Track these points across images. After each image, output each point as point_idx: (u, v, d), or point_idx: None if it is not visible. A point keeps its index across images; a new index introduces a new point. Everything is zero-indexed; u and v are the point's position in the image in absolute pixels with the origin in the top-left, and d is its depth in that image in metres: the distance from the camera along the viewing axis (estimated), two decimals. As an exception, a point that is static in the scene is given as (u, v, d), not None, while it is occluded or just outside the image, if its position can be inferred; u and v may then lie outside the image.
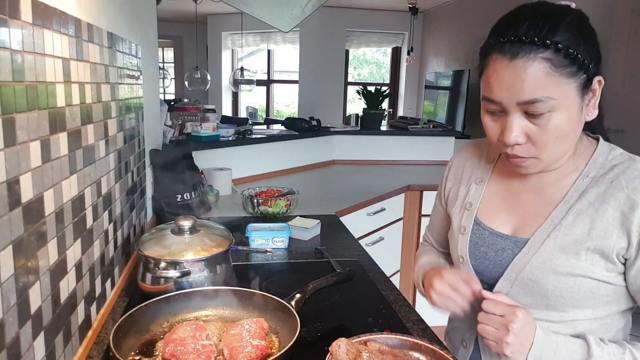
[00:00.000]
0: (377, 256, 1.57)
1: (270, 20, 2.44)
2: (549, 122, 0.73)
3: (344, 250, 1.57)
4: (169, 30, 7.13)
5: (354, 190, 2.51)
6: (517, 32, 0.71)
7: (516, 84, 0.72)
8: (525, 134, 0.75)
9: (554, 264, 0.79)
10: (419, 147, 3.39)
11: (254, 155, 2.72)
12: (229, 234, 1.21)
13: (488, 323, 0.79)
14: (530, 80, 0.71)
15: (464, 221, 0.94)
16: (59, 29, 0.77)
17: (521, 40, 0.71)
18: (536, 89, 0.71)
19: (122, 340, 0.83)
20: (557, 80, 0.71)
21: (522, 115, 0.74)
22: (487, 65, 0.76)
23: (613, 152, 0.82)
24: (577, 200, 0.81)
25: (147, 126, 1.62)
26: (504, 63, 0.72)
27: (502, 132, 0.77)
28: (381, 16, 5.94)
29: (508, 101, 0.74)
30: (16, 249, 0.62)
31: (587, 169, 0.82)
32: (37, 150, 0.68)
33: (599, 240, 0.77)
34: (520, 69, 0.71)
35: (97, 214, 0.99)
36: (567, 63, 0.71)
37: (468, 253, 0.92)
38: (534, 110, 0.72)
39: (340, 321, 1.09)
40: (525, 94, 0.71)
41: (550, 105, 0.72)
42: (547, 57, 0.70)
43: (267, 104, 7.22)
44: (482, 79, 0.78)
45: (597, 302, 0.80)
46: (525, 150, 0.77)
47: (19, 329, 0.63)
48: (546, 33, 0.70)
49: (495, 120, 0.79)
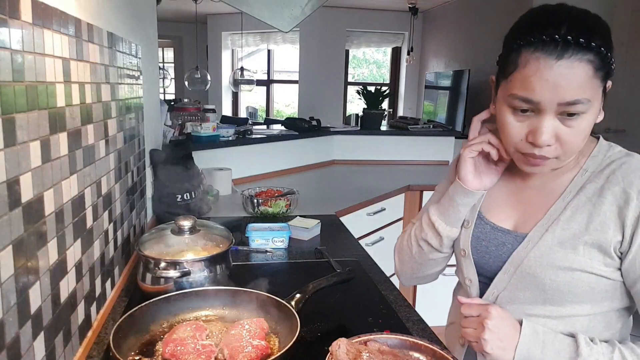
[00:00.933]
0: (377, 256, 1.57)
1: (270, 20, 2.44)
2: (581, 124, 0.74)
3: (344, 250, 1.57)
4: (169, 30, 7.12)
5: (354, 190, 2.51)
6: (561, 32, 0.71)
7: (562, 84, 0.71)
8: (556, 134, 0.75)
9: (552, 258, 0.80)
10: (419, 147, 3.39)
11: (254, 155, 2.71)
12: (229, 234, 1.21)
13: (467, 325, 0.85)
14: (576, 81, 0.71)
15: (468, 215, 0.95)
16: (59, 29, 0.77)
17: (567, 41, 0.70)
18: (579, 90, 0.71)
19: (122, 340, 0.83)
20: (595, 82, 0.72)
21: (555, 117, 0.74)
22: (524, 63, 0.74)
23: (612, 150, 0.84)
24: (575, 195, 0.82)
25: (147, 126, 1.62)
26: (549, 63, 0.71)
27: (531, 132, 0.76)
28: (381, 16, 5.93)
29: (549, 101, 0.72)
30: (16, 249, 0.62)
31: (587, 164, 0.83)
32: (37, 150, 0.68)
33: (597, 235, 0.78)
34: (567, 69, 0.70)
35: (97, 214, 0.99)
36: (603, 66, 0.72)
37: (470, 247, 0.93)
38: (572, 111, 0.72)
39: (340, 321, 1.09)
40: (569, 94, 0.71)
41: (586, 107, 0.72)
42: (591, 59, 0.70)
43: (267, 104, 7.22)
44: (515, 78, 0.75)
45: (596, 298, 0.81)
46: (552, 151, 0.76)
47: (19, 329, 0.63)
48: (590, 35, 0.70)
49: (522, 120, 0.77)
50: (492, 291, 0.89)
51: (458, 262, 0.98)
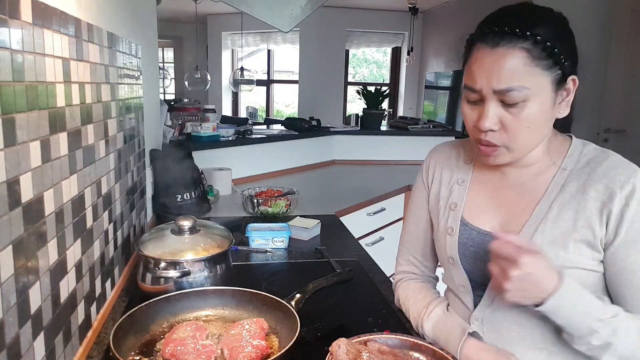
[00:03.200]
0: (377, 256, 1.57)
1: (270, 20, 2.44)
2: (522, 111, 0.76)
3: (344, 250, 1.57)
4: (169, 30, 7.12)
5: (354, 190, 2.51)
6: (501, 24, 0.76)
7: (494, 70, 0.75)
8: (500, 121, 0.79)
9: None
10: (419, 147, 3.38)
11: (254, 155, 2.71)
12: (229, 234, 1.21)
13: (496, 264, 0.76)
14: (508, 68, 0.75)
15: (451, 222, 0.95)
16: (59, 29, 0.77)
17: (504, 31, 0.75)
18: (513, 77, 0.75)
19: (122, 340, 0.83)
20: (533, 70, 0.75)
21: (498, 104, 0.78)
22: (470, 54, 0.80)
23: (587, 147, 0.86)
24: (558, 193, 0.83)
25: (147, 126, 1.62)
26: (486, 51, 0.77)
27: (478, 118, 0.80)
28: (381, 16, 5.94)
29: (486, 88, 0.77)
30: (16, 249, 0.62)
31: (564, 163, 0.85)
32: (37, 150, 0.68)
33: (585, 231, 0.79)
34: (500, 56, 0.75)
35: (97, 214, 0.99)
36: (544, 56, 0.75)
37: (458, 254, 0.92)
38: (509, 99, 0.76)
39: (340, 321, 1.09)
40: (503, 81, 0.75)
41: (525, 95, 0.75)
42: (526, 47, 0.74)
43: (267, 104, 7.22)
44: (465, 69, 0.82)
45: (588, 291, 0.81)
46: (497, 138, 0.80)
47: (19, 329, 0.63)
48: (528, 26, 0.74)
49: (473, 108, 0.82)
50: (488, 294, 0.88)
51: (446, 270, 0.98)
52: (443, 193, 0.99)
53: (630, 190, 0.77)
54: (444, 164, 1.01)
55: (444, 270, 0.99)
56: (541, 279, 0.74)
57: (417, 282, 1.06)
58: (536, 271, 0.73)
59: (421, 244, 1.06)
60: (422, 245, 1.06)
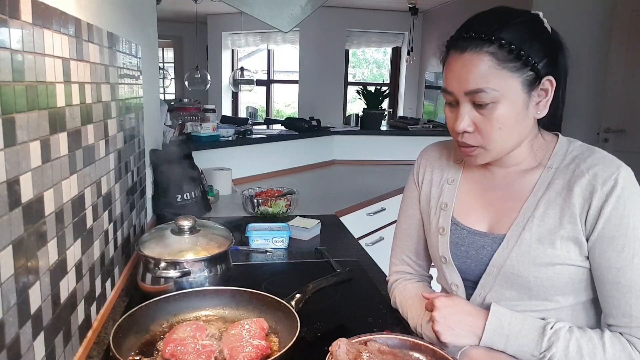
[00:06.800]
0: (377, 256, 1.57)
1: (270, 20, 2.44)
2: (493, 113, 0.79)
3: (344, 250, 1.57)
4: (169, 30, 7.12)
5: (354, 190, 2.51)
6: (468, 30, 0.79)
7: (463, 74, 0.79)
8: (474, 123, 0.82)
9: (532, 255, 0.82)
10: (419, 147, 3.34)
11: (254, 155, 2.71)
12: (229, 234, 1.21)
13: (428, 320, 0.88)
14: (475, 71, 0.78)
15: (442, 222, 0.96)
16: (59, 29, 0.77)
17: (471, 37, 0.79)
18: (480, 79, 0.78)
19: (122, 340, 0.83)
20: (500, 73, 0.77)
21: (471, 106, 0.81)
22: (446, 59, 0.84)
23: (572, 145, 0.87)
24: (544, 192, 0.84)
25: (147, 126, 1.62)
26: (455, 56, 0.81)
27: (455, 121, 0.83)
28: (381, 16, 5.93)
29: (458, 91, 0.81)
30: (16, 249, 0.62)
31: (550, 162, 0.86)
32: (37, 150, 0.68)
33: (571, 228, 0.80)
34: (467, 60, 0.78)
35: (97, 214, 0.99)
36: (510, 58, 0.77)
37: (450, 253, 0.94)
38: (479, 100, 0.79)
39: (340, 321, 1.09)
40: (470, 84, 0.78)
41: (493, 96, 0.78)
42: (491, 51, 0.77)
43: (267, 104, 7.22)
44: (443, 73, 0.86)
45: (577, 287, 0.83)
46: (473, 139, 0.83)
47: (19, 329, 0.63)
48: (493, 30, 0.77)
49: (452, 111, 0.85)
50: (479, 292, 0.90)
51: (439, 269, 0.98)
52: (434, 193, 1.00)
53: (611, 186, 0.77)
54: (435, 164, 1.03)
55: (437, 270, 1.00)
56: (460, 310, 0.84)
57: (413, 282, 1.07)
58: (452, 306, 0.85)
59: (414, 243, 1.07)
60: (415, 244, 1.07)
